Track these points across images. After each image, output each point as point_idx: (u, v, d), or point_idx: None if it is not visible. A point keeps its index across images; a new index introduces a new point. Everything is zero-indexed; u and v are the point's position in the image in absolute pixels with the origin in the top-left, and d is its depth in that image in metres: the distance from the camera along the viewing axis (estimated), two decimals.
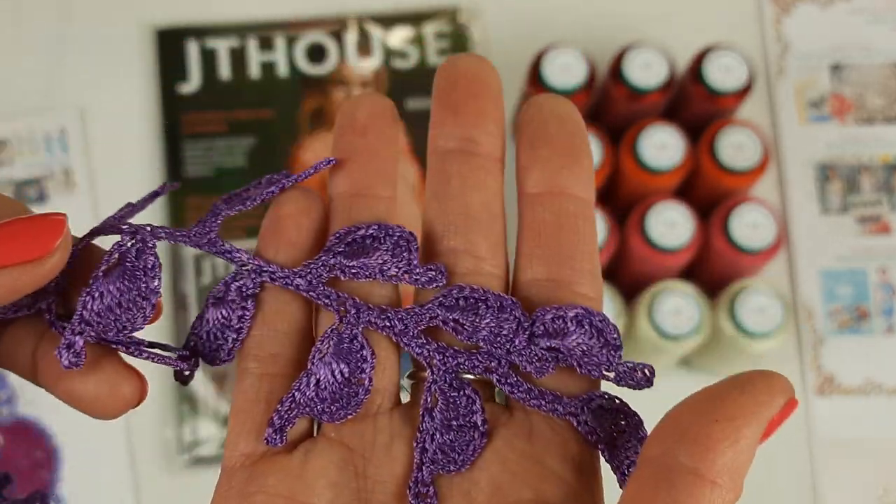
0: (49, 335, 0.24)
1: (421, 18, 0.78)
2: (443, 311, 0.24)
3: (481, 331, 0.23)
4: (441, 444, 0.23)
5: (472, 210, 0.24)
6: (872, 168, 0.76)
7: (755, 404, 0.20)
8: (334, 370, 0.23)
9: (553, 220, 0.23)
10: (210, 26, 0.77)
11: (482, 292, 0.23)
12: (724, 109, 0.68)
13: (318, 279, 0.24)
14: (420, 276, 0.24)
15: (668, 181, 0.65)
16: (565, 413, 0.23)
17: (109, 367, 0.24)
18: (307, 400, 0.23)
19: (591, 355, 0.23)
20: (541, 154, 0.24)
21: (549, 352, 0.23)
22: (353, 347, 0.24)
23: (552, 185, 0.24)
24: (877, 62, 0.78)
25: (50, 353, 0.24)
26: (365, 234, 0.24)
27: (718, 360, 0.68)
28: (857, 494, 0.71)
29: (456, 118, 0.24)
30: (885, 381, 0.72)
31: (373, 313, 0.24)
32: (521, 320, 0.23)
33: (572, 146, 0.24)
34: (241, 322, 0.24)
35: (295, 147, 0.75)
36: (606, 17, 0.78)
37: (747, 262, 0.65)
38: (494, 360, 0.23)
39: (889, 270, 0.74)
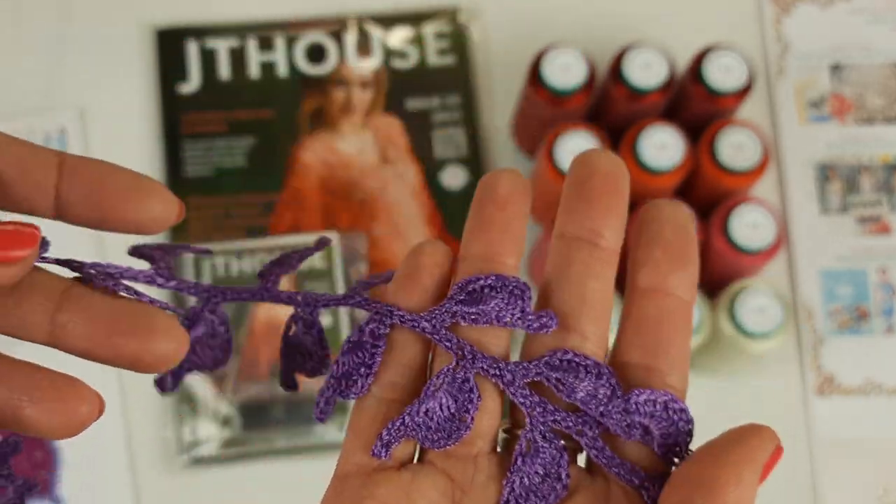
0: (73, 295, 0.25)
1: (421, 18, 0.78)
2: (547, 369, 0.27)
3: (579, 392, 0.27)
4: (527, 488, 0.26)
5: (587, 296, 0.27)
6: (872, 168, 0.76)
7: (750, 451, 0.25)
8: (443, 404, 0.27)
9: (655, 315, 0.27)
10: (210, 26, 0.77)
11: (584, 357, 0.27)
12: (724, 109, 0.68)
13: (442, 324, 0.27)
14: (532, 321, 0.27)
15: (668, 181, 0.65)
16: (639, 485, 0.26)
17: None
18: (415, 425, 0.27)
19: (668, 438, 0.26)
20: (654, 254, 0.27)
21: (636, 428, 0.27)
22: (463, 388, 0.27)
23: (660, 284, 0.27)
24: (877, 62, 0.79)
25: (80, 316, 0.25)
26: (484, 284, 0.27)
27: (718, 360, 0.68)
28: (857, 494, 0.71)
29: (587, 210, 0.27)
30: (885, 381, 0.73)
31: (486, 361, 0.27)
32: (615, 388, 0.26)
33: (683, 252, 0.27)
34: (373, 359, 0.27)
35: (295, 147, 0.75)
36: (606, 17, 0.78)
37: (747, 263, 0.65)
38: (587, 424, 0.27)
39: (889, 270, 0.74)
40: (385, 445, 0.26)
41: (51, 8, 0.77)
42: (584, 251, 0.27)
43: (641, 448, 0.27)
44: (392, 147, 0.76)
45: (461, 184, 0.75)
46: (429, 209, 0.74)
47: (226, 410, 0.69)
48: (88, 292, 0.25)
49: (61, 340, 0.25)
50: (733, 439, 0.25)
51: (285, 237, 0.73)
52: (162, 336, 0.24)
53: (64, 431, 0.24)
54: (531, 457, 0.27)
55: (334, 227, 0.74)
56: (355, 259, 0.73)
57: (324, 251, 0.72)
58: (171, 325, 0.25)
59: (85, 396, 0.24)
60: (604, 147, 0.65)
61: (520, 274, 0.27)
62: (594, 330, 0.27)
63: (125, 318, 0.25)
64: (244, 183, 0.74)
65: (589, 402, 0.26)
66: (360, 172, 0.75)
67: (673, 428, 0.26)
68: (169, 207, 0.25)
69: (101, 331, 0.24)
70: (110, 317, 0.25)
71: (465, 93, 0.76)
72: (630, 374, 0.27)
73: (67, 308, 0.25)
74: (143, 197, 0.25)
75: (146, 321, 0.25)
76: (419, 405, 0.27)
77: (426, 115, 0.76)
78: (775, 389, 0.72)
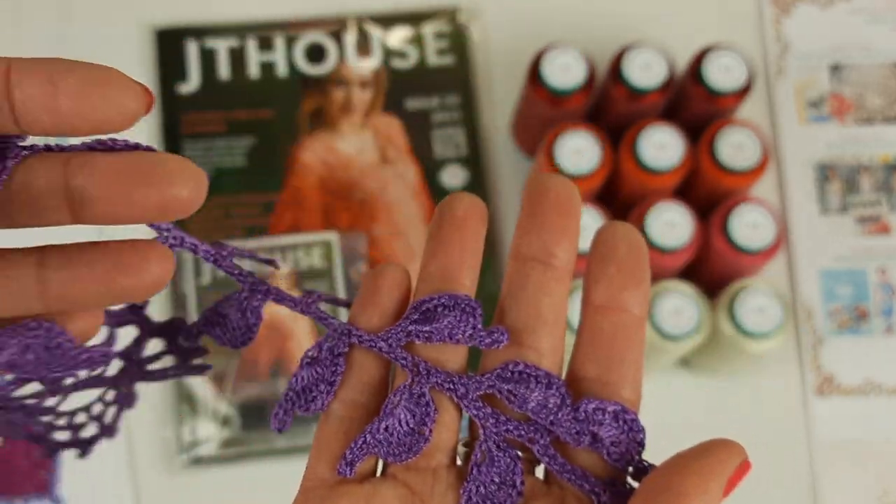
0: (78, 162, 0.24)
1: (420, 18, 0.78)
2: (499, 382, 0.28)
3: (530, 402, 0.28)
4: (483, 496, 0.28)
5: (541, 312, 0.28)
6: (872, 168, 0.76)
7: (718, 463, 0.26)
8: (402, 419, 0.28)
9: (609, 331, 0.28)
10: (210, 26, 0.77)
11: (534, 369, 0.28)
12: (724, 109, 0.68)
13: (398, 342, 0.28)
14: (483, 337, 0.28)
15: (668, 181, 0.65)
16: (590, 490, 0.27)
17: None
18: (376, 441, 0.28)
19: (619, 446, 0.28)
20: (608, 271, 0.28)
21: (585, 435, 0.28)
22: (420, 402, 0.28)
23: (614, 301, 0.28)
24: (876, 62, 0.79)
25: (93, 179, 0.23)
26: (437, 303, 0.28)
27: (718, 359, 0.68)
28: (857, 495, 0.71)
29: (540, 231, 0.29)
30: (885, 382, 0.73)
31: (440, 376, 0.28)
32: (565, 397, 0.28)
33: (636, 270, 0.28)
34: (334, 377, 0.29)
35: (294, 147, 0.75)
36: (606, 18, 0.78)
37: (747, 262, 0.65)
38: (539, 432, 0.28)
39: (888, 270, 0.74)
40: (349, 464, 0.28)
41: (51, 8, 0.77)
42: (537, 270, 0.28)
43: (594, 457, 0.28)
44: (392, 147, 0.76)
45: (461, 183, 0.75)
46: (428, 209, 0.74)
47: (225, 410, 0.69)
48: (90, 155, 0.24)
49: (82, 212, 0.24)
50: (701, 451, 0.26)
51: (285, 237, 0.73)
52: (180, 179, 0.23)
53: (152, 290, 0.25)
54: (486, 466, 0.28)
55: (334, 226, 0.74)
56: (355, 259, 0.73)
57: (324, 250, 0.72)
58: (184, 166, 0.24)
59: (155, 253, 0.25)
60: (604, 146, 0.66)
61: (474, 292, 0.29)
62: (549, 345, 0.28)
63: (139, 169, 0.23)
64: (244, 183, 0.74)
65: (540, 412, 0.28)
66: (359, 172, 0.75)
67: (623, 436, 0.28)
68: (132, 95, 0.23)
69: (120, 188, 0.23)
70: (123, 171, 0.23)
71: (465, 93, 0.76)
72: (585, 388, 0.28)
73: (76, 175, 0.24)
74: (102, 90, 0.23)
75: (161, 168, 0.23)
76: (379, 422, 0.28)
77: (426, 114, 0.76)
78: (775, 389, 0.72)
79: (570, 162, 0.65)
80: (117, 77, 0.23)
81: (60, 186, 0.24)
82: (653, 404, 0.73)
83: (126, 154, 0.24)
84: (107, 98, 0.23)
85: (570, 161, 0.65)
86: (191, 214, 0.24)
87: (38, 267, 0.24)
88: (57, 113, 0.22)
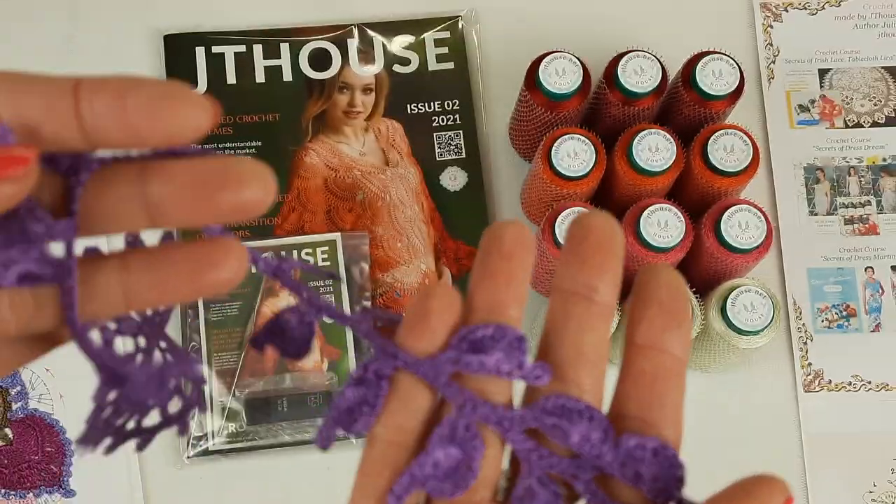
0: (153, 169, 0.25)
1: (421, 26, 0.79)
2: (542, 415, 0.28)
3: (573, 436, 0.28)
4: None
5: (584, 349, 0.28)
6: (860, 170, 0.77)
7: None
8: (449, 453, 0.27)
9: (651, 371, 0.28)
10: (217, 33, 0.78)
11: (576, 402, 0.28)
12: (716, 113, 0.69)
13: (443, 371, 0.28)
14: (528, 373, 0.28)
15: (661, 183, 0.66)
16: None
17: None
18: (424, 476, 0.27)
19: (658, 482, 0.27)
20: (650, 313, 0.28)
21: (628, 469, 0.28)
22: (467, 436, 0.28)
23: (655, 341, 0.28)
24: (864, 66, 0.79)
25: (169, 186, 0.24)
26: (485, 334, 0.28)
27: (709, 356, 0.69)
28: (846, 488, 0.71)
29: (582, 267, 0.28)
30: (873, 378, 0.73)
31: (486, 408, 0.28)
32: (607, 431, 0.27)
33: (677, 312, 0.28)
34: (377, 399, 0.28)
35: (299, 150, 0.76)
36: (601, 25, 0.79)
37: (738, 262, 0.66)
38: (581, 468, 0.28)
39: (876, 269, 0.75)
40: (398, 498, 0.27)
41: (61, 13, 0.78)
42: (580, 306, 0.28)
43: (635, 493, 0.28)
44: (393, 150, 0.76)
45: (460, 185, 0.76)
46: (429, 210, 0.75)
47: (232, 405, 0.70)
48: (165, 163, 0.25)
49: (159, 217, 0.25)
50: (743, 492, 0.26)
51: (290, 238, 0.74)
52: (252, 181, 0.24)
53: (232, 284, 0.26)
54: (528, 501, 0.27)
55: (337, 227, 0.74)
56: (358, 258, 0.74)
57: (328, 250, 0.73)
58: (256, 168, 0.24)
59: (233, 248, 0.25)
60: (599, 149, 0.67)
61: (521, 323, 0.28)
62: (590, 381, 0.28)
63: (213, 174, 0.24)
64: None
65: (583, 446, 0.27)
66: (362, 174, 0.76)
67: (663, 473, 0.27)
68: (200, 111, 0.23)
69: (197, 193, 0.24)
70: (198, 177, 0.24)
71: (464, 97, 0.78)
72: (627, 426, 0.28)
73: (152, 181, 0.24)
74: (171, 104, 0.23)
75: (234, 171, 0.24)
76: (427, 456, 0.27)
77: (426, 118, 0.77)
78: (765, 386, 0.73)
79: (565, 164, 0.66)
80: (185, 92, 0.23)
81: (137, 194, 0.25)
82: None
83: (200, 159, 0.25)
84: (176, 112, 0.23)
85: (566, 163, 0.66)
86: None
87: (121, 271, 0.25)
88: (128, 128, 0.23)
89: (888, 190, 0.77)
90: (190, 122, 0.23)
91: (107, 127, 0.23)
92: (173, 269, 0.25)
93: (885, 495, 0.71)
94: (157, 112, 0.23)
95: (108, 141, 0.24)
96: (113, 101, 0.23)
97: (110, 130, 0.23)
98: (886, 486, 0.71)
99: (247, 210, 0.24)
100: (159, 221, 0.25)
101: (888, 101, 0.79)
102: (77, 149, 0.24)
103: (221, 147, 0.75)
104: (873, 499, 0.71)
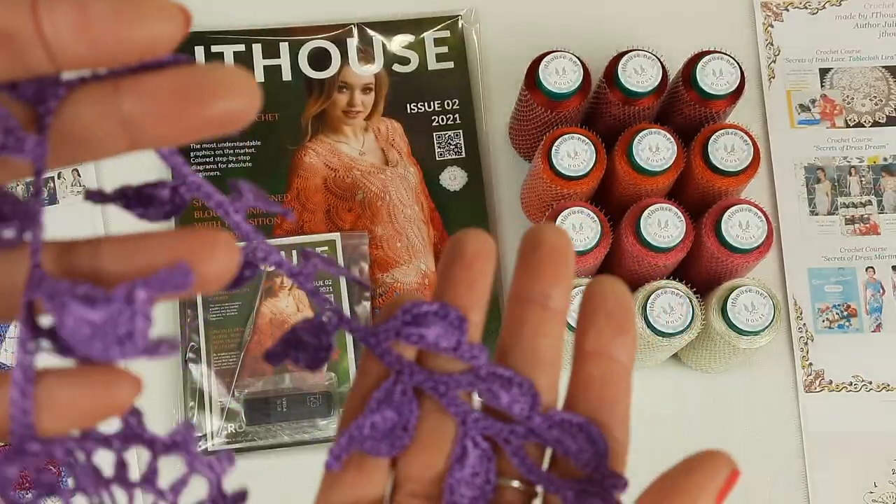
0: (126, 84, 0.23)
1: (421, 25, 0.79)
2: (477, 380, 0.29)
3: (503, 397, 0.29)
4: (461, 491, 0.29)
5: (539, 352, 0.30)
6: (861, 170, 0.77)
7: (704, 480, 0.26)
8: (385, 416, 0.29)
9: (600, 376, 0.29)
10: (216, 32, 0.78)
11: (509, 370, 0.29)
12: (716, 113, 0.69)
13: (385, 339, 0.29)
14: (466, 351, 0.29)
15: (661, 183, 0.66)
16: (556, 490, 0.29)
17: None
18: (362, 437, 0.29)
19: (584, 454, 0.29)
20: (598, 322, 0.29)
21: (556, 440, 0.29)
22: (403, 400, 0.29)
23: (603, 349, 0.29)
24: (865, 66, 0.79)
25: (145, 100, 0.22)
26: (429, 310, 0.29)
27: (710, 356, 0.69)
28: (847, 488, 0.71)
29: (537, 276, 0.30)
30: (874, 378, 0.73)
31: (423, 374, 0.29)
32: (535, 398, 0.29)
33: (623, 322, 0.29)
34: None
35: (298, 149, 0.76)
36: (601, 24, 0.79)
37: (738, 262, 0.66)
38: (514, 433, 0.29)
39: (877, 269, 0.75)
40: (336, 457, 0.28)
41: None
42: (535, 312, 0.30)
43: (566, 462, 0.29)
44: (393, 149, 0.77)
45: (460, 185, 0.76)
46: (428, 209, 0.75)
47: (231, 405, 0.70)
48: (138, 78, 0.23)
49: (138, 137, 0.23)
50: (688, 468, 0.27)
51: (289, 238, 0.74)
52: (233, 90, 0.22)
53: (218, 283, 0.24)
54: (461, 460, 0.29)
55: (337, 227, 0.75)
56: (357, 258, 0.74)
57: (327, 250, 0.73)
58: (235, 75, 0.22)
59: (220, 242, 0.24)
60: (599, 149, 0.67)
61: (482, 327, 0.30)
62: (546, 381, 0.30)
63: (193, 84, 0.22)
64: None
65: (512, 407, 0.29)
66: (362, 174, 0.76)
67: (588, 446, 0.29)
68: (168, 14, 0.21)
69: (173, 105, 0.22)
70: (176, 87, 0.22)
71: (464, 97, 0.78)
72: None
73: (127, 98, 0.23)
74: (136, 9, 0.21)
75: (216, 79, 0.22)
76: (365, 418, 0.29)
77: (426, 118, 0.77)
78: (766, 386, 0.73)
79: (566, 164, 0.66)
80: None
81: (113, 114, 0.23)
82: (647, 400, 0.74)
83: (174, 70, 0.22)
84: (143, 18, 0.21)
85: (566, 163, 0.66)
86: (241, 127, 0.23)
87: (92, 258, 0.24)
88: (92, 41, 0.21)
89: (889, 190, 0.77)
90: (160, 30, 0.21)
91: (71, 42, 0.21)
92: (147, 263, 0.23)
93: (885, 495, 0.71)
94: (122, 20, 0.21)
95: (75, 59, 0.22)
96: (74, 11, 0.21)
97: (75, 45, 0.21)
98: (887, 487, 0.71)
99: (232, 121, 0.22)
100: (139, 142, 0.23)
101: (889, 101, 0.79)
102: (42, 72, 0.22)
103: (220, 146, 0.75)
104: (874, 499, 0.71)
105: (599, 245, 0.65)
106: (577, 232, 0.65)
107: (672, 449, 0.29)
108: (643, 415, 0.72)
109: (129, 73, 0.23)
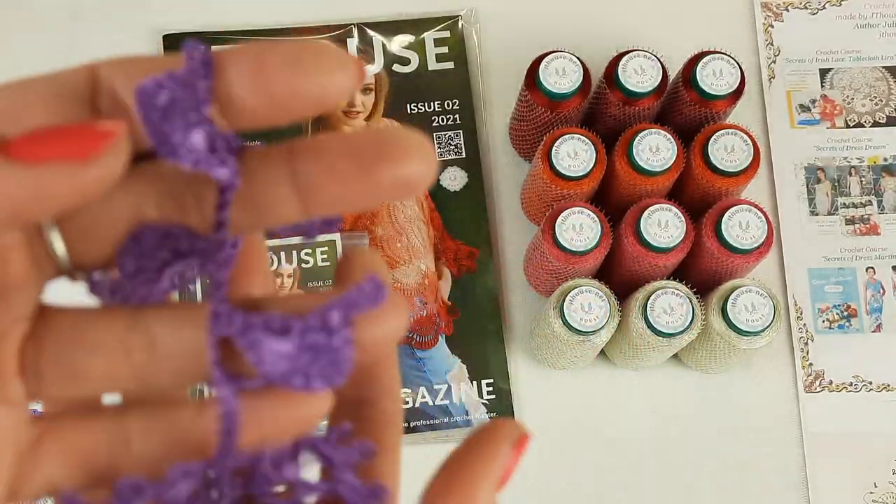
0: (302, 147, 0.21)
1: (421, 25, 0.79)
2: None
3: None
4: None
5: None
6: (861, 170, 0.77)
7: (483, 463, 0.23)
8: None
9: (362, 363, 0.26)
10: (216, 32, 0.78)
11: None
12: (716, 113, 0.69)
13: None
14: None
15: (661, 183, 0.66)
16: None
17: None
18: None
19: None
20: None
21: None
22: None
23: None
24: (865, 66, 0.80)
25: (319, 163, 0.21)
26: None
27: (710, 357, 0.69)
28: (847, 488, 0.71)
29: None
30: (874, 378, 0.73)
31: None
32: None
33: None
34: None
35: None
36: (601, 25, 0.80)
37: (738, 262, 0.66)
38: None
39: (877, 270, 0.75)
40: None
41: (61, 12, 0.79)
42: None
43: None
44: None
45: (460, 185, 0.76)
46: (428, 210, 0.75)
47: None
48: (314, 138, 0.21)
49: (311, 201, 0.21)
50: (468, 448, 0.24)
51: (289, 238, 0.74)
52: (414, 153, 0.20)
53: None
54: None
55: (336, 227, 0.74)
56: None
57: (327, 250, 0.73)
58: (416, 139, 0.21)
59: None
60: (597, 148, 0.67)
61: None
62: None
63: (369, 146, 0.21)
64: None
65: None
66: None
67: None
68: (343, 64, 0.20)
69: (350, 167, 0.21)
70: (353, 149, 0.21)
71: (465, 97, 0.78)
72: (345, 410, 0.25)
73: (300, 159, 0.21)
74: (314, 61, 0.20)
75: (393, 142, 0.21)
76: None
77: (426, 118, 0.77)
78: (765, 386, 0.73)
79: (566, 164, 0.66)
80: (326, 47, 0.20)
81: (286, 176, 0.21)
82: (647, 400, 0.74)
83: (355, 132, 0.21)
84: (320, 69, 0.20)
85: (566, 163, 0.66)
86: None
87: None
88: (269, 96, 0.20)
89: (889, 190, 0.77)
90: (336, 84, 0.20)
91: (246, 98, 0.20)
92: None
93: (885, 496, 0.71)
94: (300, 74, 0.20)
95: (250, 116, 0.21)
96: (250, 67, 0.20)
97: (251, 101, 0.20)
98: (887, 487, 0.71)
99: (409, 187, 0.20)
100: (312, 206, 0.21)
101: (889, 101, 0.79)
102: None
103: None
104: (874, 499, 0.71)
105: (599, 245, 0.65)
106: (577, 232, 0.65)
107: (672, 449, 0.29)
108: (643, 415, 0.72)
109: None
